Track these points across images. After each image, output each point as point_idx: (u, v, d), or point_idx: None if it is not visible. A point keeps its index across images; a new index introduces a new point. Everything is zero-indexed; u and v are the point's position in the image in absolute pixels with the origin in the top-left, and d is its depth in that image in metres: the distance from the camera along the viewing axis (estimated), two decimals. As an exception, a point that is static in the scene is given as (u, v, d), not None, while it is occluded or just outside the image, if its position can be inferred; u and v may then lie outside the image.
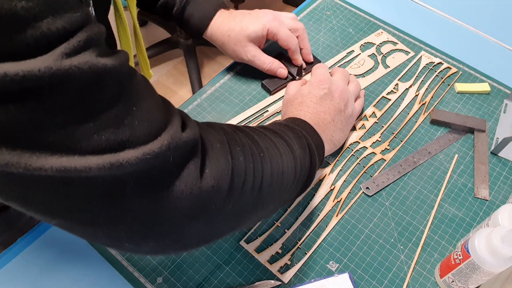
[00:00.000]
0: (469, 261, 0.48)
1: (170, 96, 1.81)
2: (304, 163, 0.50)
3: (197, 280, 0.53)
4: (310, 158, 0.51)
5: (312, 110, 0.58)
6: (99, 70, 0.28)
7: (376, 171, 0.64)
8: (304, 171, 0.50)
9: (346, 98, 0.61)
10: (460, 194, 0.62)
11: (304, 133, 0.52)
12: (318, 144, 0.54)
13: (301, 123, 0.55)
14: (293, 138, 0.50)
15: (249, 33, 0.66)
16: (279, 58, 0.71)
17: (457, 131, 0.68)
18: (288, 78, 0.71)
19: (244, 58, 0.69)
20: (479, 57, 0.78)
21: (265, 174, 0.41)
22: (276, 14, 0.69)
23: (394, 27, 0.81)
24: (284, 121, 0.55)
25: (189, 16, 0.68)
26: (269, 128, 0.49)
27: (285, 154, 0.46)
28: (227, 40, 0.68)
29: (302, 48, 0.71)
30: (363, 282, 0.54)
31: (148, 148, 0.31)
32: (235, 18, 0.67)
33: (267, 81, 0.71)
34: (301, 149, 0.50)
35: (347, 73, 0.66)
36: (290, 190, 0.48)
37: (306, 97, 0.59)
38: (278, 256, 0.55)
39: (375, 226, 0.59)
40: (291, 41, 0.68)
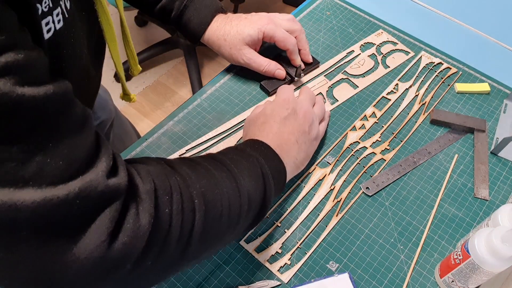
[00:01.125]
0: (469, 261, 0.48)
1: (170, 96, 1.81)
2: (256, 197, 0.47)
3: (197, 280, 0.53)
4: (264, 189, 0.48)
5: (276, 130, 0.56)
6: (12, 99, 0.26)
7: (376, 171, 0.64)
8: (255, 205, 0.48)
9: (311, 119, 0.59)
10: (460, 194, 0.62)
11: (261, 161, 0.50)
12: (278, 170, 0.52)
13: (260, 148, 0.53)
14: (245, 169, 0.48)
15: (245, 36, 0.66)
16: (278, 59, 0.71)
17: (457, 131, 0.68)
18: (286, 79, 0.71)
19: (240, 62, 0.68)
20: (479, 57, 0.78)
21: (197, 224, 0.39)
22: (271, 16, 0.69)
23: (394, 27, 0.81)
24: (242, 145, 0.53)
25: (187, 21, 0.68)
26: (218, 159, 0.47)
27: (228, 193, 0.44)
28: (223, 44, 0.67)
29: (300, 49, 0.71)
30: (363, 282, 0.54)
31: (51, 193, 0.28)
32: (231, 22, 0.68)
33: (266, 82, 0.70)
34: (253, 181, 0.47)
35: (313, 94, 0.64)
36: (236, 228, 0.46)
37: (270, 117, 0.57)
38: (278, 256, 0.55)
39: (375, 226, 0.59)
40: (288, 42, 0.67)
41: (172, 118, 0.67)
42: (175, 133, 0.66)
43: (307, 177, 0.62)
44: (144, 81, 1.84)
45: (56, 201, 0.29)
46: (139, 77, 1.85)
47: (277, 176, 0.52)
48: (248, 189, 0.46)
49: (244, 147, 0.52)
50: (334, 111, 0.70)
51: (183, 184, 0.40)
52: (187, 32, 0.70)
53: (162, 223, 0.36)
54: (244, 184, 0.46)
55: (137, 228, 0.34)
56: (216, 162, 0.47)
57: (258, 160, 0.50)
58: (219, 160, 0.47)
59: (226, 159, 0.48)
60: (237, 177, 0.46)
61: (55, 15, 0.36)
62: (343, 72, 0.74)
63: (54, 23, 0.37)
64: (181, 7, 0.68)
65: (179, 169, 0.42)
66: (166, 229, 0.37)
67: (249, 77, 0.73)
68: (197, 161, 0.46)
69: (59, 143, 0.30)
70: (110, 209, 0.32)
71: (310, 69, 0.73)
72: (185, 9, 0.68)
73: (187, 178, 0.41)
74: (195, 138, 0.65)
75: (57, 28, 0.37)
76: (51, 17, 0.36)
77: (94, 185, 0.31)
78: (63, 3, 0.38)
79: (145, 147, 0.64)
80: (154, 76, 1.87)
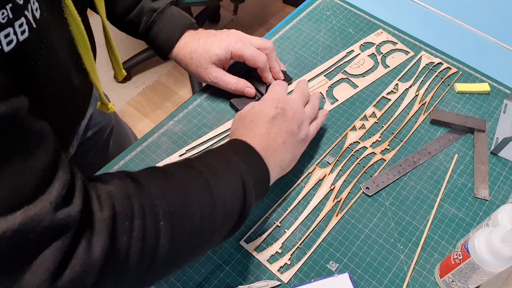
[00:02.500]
0: (469, 261, 0.48)
1: (170, 96, 1.81)
2: (234, 206, 0.46)
3: (197, 280, 0.53)
4: (243, 197, 0.47)
5: (263, 130, 0.54)
6: None
7: (376, 171, 0.64)
8: (232, 214, 0.46)
9: (300, 120, 0.57)
10: (460, 194, 0.62)
11: (243, 166, 0.48)
12: (260, 175, 0.51)
13: (243, 151, 0.51)
14: (224, 176, 0.46)
15: (211, 55, 0.64)
16: (248, 77, 0.69)
17: (457, 131, 0.69)
18: (257, 97, 0.68)
19: (207, 80, 0.67)
20: (479, 57, 0.78)
21: (161, 247, 0.38)
22: (240, 35, 0.67)
23: (394, 27, 0.81)
24: (224, 148, 0.51)
25: (154, 37, 0.67)
26: (195, 167, 0.46)
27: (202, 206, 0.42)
28: (189, 62, 0.66)
29: (271, 67, 0.68)
30: (363, 282, 0.54)
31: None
32: (199, 40, 0.66)
33: (235, 100, 0.68)
34: (231, 189, 0.46)
35: (307, 92, 0.62)
36: (210, 241, 0.45)
37: (258, 116, 0.56)
38: (278, 256, 0.55)
39: (375, 226, 0.59)
40: (257, 59, 0.65)
41: (172, 118, 0.67)
42: (175, 133, 0.66)
43: (307, 177, 0.62)
44: (144, 81, 1.84)
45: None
46: (139, 77, 1.85)
47: (259, 181, 0.50)
48: (225, 199, 0.45)
49: (226, 151, 0.50)
50: (334, 111, 0.70)
51: (148, 206, 0.38)
52: (155, 48, 0.68)
53: (118, 252, 0.35)
54: (220, 194, 0.44)
55: (87, 262, 0.32)
56: (192, 171, 0.45)
57: (239, 166, 0.48)
58: (196, 168, 0.45)
59: (203, 167, 0.46)
60: (214, 186, 0.44)
61: (17, 26, 0.35)
62: (343, 72, 0.74)
63: (16, 34, 0.35)
64: (149, 22, 0.66)
65: (147, 185, 0.40)
66: (122, 259, 0.35)
67: (249, 77, 0.73)
68: (171, 171, 0.44)
69: (3, 169, 0.28)
70: (56, 245, 0.30)
71: None
72: (153, 24, 0.66)
73: (154, 197, 0.39)
74: (195, 138, 0.65)
75: (20, 39, 0.36)
76: (12, 29, 0.34)
77: (38, 220, 0.29)
78: (29, 13, 0.36)
79: (145, 147, 0.64)
80: (154, 76, 1.87)
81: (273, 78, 0.69)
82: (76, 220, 0.32)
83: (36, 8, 0.38)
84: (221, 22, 2.04)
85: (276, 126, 0.55)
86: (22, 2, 0.35)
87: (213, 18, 2.02)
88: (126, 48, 1.88)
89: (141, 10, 0.66)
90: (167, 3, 0.67)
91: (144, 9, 0.66)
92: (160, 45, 0.67)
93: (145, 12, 0.66)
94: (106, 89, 1.82)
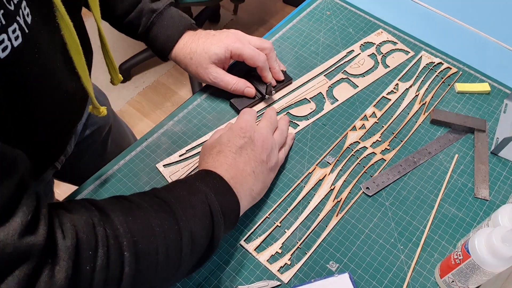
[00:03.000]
0: (469, 261, 0.48)
1: (170, 96, 1.81)
2: (201, 238, 0.45)
3: (197, 280, 0.53)
4: (211, 228, 0.46)
5: (231, 161, 0.53)
6: None
7: (376, 171, 0.64)
8: (200, 246, 0.46)
9: (269, 148, 0.57)
10: (460, 194, 0.62)
11: (211, 197, 0.48)
12: (230, 205, 0.50)
13: (212, 181, 0.50)
14: (192, 207, 0.45)
15: (211, 55, 0.64)
16: (248, 77, 0.68)
17: (457, 131, 0.68)
18: (257, 97, 0.68)
19: (207, 80, 0.67)
20: (479, 57, 0.78)
21: (125, 278, 0.38)
22: (239, 35, 0.67)
23: (394, 27, 0.81)
24: (193, 178, 0.50)
25: (153, 38, 0.67)
26: (162, 197, 0.45)
27: (167, 238, 0.42)
28: (189, 63, 0.66)
29: (270, 67, 0.68)
30: (363, 282, 0.54)
31: None
32: (198, 40, 0.66)
33: (235, 100, 0.68)
34: (199, 220, 0.45)
35: (275, 119, 0.62)
36: (177, 272, 0.44)
37: (225, 146, 0.55)
38: (278, 256, 0.55)
39: (375, 226, 0.59)
40: (257, 59, 0.65)
41: (172, 118, 0.67)
42: (175, 133, 0.66)
43: (307, 177, 0.62)
44: (144, 81, 1.84)
45: None
46: (139, 77, 1.85)
47: (228, 211, 0.50)
48: (192, 230, 0.44)
49: (194, 181, 0.49)
50: (334, 111, 0.70)
51: (112, 235, 0.38)
52: (155, 49, 0.68)
53: (81, 281, 0.34)
54: (187, 225, 0.44)
55: None
56: (159, 201, 0.44)
57: (207, 196, 0.47)
58: (163, 198, 0.45)
59: (170, 197, 0.45)
60: (180, 218, 0.44)
61: (10, 32, 0.35)
62: (343, 71, 0.74)
63: (10, 40, 0.35)
64: (148, 24, 0.66)
65: (112, 215, 0.39)
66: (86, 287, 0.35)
67: (249, 77, 0.73)
68: (136, 202, 0.43)
69: None
70: (19, 272, 0.31)
71: (282, 86, 0.71)
72: (152, 25, 0.66)
73: (118, 226, 0.39)
74: (195, 138, 0.65)
75: (15, 45, 0.35)
76: (6, 35, 0.34)
77: (2, 246, 0.29)
78: (21, 19, 0.36)
79: (145, 147, 0.64)
80: (154, 76, 1.87)
81: (273, 78, 0.69)
82: (40, 248, 0.32)
83: (27, 13, 0.37)
84: (221, 22, 2.04)
85: (245, 156, 0.54)
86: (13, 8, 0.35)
87: (213, 18, 2.02)
88: (126, 48, 1.88)
89: (141, 11, 0.66)
90: (166, 4, 0.67)
91: (143, 10, 0.66)
92: (160, 46, 0.67)
93: (144, 13, 0.66)
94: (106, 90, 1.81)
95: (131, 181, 0.61)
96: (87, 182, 0.60)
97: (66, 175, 0.78)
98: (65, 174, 0.75)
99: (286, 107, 0.69)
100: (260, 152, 0.56)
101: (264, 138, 0.57)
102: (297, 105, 0.70)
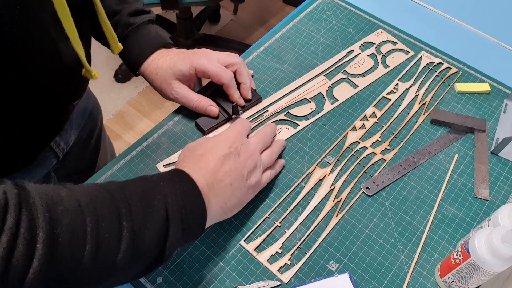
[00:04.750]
0: (469, 261, 0.48)
1: (170, 96, 1.81)
2: (151, 242, 0.42)
3: (197, 280, 0.53)
4: (165, 233, 0.43)
5: (211, 167, 0.50)
6: None
7: (376, 171, 0.64)
8: (149, 251, 0.42)
9: (253, 165, 0.54)
10: (460, 194, 0.62)
11: (171, 200, 0.44)
12: (194, 212, 0.46)
13: (181, 183, 0.47)
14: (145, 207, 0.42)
15: (175, 71, 0.63)
16: (216, 95, 0.67)
17: (457, 131, 0.68)
18: (223, 117, 0.66)
19: (170, 97, 0.65)
20: (479, 57, 0.78)
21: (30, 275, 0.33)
22: (207, 52, 0.66)
23: (394, 27, 0.81)
24: (161, 176, 0.47)
25: (126, 51, 0.66)
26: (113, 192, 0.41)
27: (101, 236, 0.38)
28: (155, 78, 0.65)
29: (241, 82, 0.66)
30: (363, 282, 0.54)
31: None
32: (167, 57, 0.65)
33: (201, 120, 0.65)
34: (150, 224, 0.42)
35: (268, 137, 0.59)
36: (110, 279, 0.40)
37: (209, 151, 0.52)
38: (278, 256, 0.55)
39: (375, 226, 0.59)
40: (222, 76, 0.63)
41: (172, 118, 0.67)
42: (175, 133, 0.66)
43: (307, 177, 0.62)
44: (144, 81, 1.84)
45: None
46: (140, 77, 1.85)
47: (190, 219, 0.46)
48: (138, 234, 0.40)
49: (160, 179, 0.46)
50: (334, 111, 0.70)
51: (26, 221, 0.34)
52: (126, 62, 0.68)
53: None
54: (132, 228, 0.40)
55: None
56: (106, 196, 0.41)
57: (167, 199, 0.44)
58: (112, 193, 0.41)
59: (122, 194, 0.42)
60: (125, 218, 0.40)
61: None
62: (343, 71, 0.74)
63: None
64: (122, 36, 0.65)
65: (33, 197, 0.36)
66: None
67: (249, 77, 0.73)
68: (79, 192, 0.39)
69: None
70: None
71: (250, 105, 0.68)
72: (126, 39, 0.66)
73: (37, 213, 0.35)
74: (195, 138, 0.65)
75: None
76: None
77: None
78: None
79: (145, 147, 0.64)
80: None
81: (241, 94, 0.67)
82: None
83: None
84: (221, 22, 2.04)
85: (226, 166, 0.52)
86: None
87: (213, 18, 2.02)
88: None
89: (117, 23, 0.65)
90: (144, 20, 0.66)
91: (119, 23, 0.65)
92: (131, 60, 0.67)
93: (120, 26, 0.65)
94: (106, 89, 1.83)
95: (131, 181, 0.61)
96: (87, 182, 0.60)
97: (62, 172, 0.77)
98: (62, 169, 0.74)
99: (286, 107, 0.69)
100: (242, 166, 0.53)
101: (250, 154, 0.55)
102: (297, 105, 0.70)
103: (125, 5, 0.66)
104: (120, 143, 1.65)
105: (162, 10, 1.45)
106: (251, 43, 1.89)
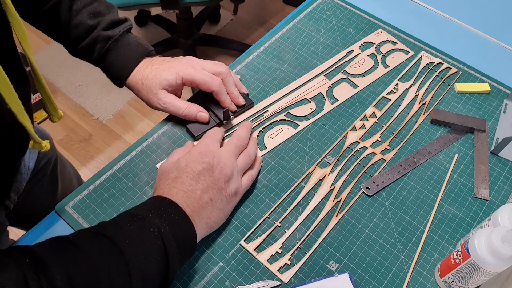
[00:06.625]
0: (469, 261, 0.48)
1: (170, 96, 1.81)
2: (154, 275, 0.44)
3: (197, 280, 0.53)
4: (166, 263, 0.45)
5: (188, 187, 0.52)
6: None
7: (376, 171, 0.64)
8: (153, 284, 0.45)
9: (229, 174, 0.54)
10: (460, 194, 0.62)
11: (164, 229, 0.46)
12: (185, 236, 0.49)
13: (166, 211, 0.48)
14: (142, 244, 0.44)
15: (161, 80, 0.63)
16: (207, 101, 0.66)
17: (457, 131, 0.69)
18: (214, 122, 0.65)
19: (157, 106, 0.64)
20: (479, 57, 0.78)
21: None
22: (192, 61, 0.65)
23: (394, 27, 0.81)
24: (145, 209, 0.49)
25: (109, 65, 0.65)
26: (109, 237, 0.43)
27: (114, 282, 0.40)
28: (141, 88, 0.64)
29: (229, 92, 0.66)
30: (363, 282, 0.54)
31: None
32: (152, 66, 0.64)
33: (191, 125, 0.65)
34: (151, 258, 0.44)
35: (243, 139, 0.59)
36: None
37: (183, 171, 0.53)
38: (278, 256, 0.55)
39: (375, 226, 0.59)
40: (210, 83, 0.63)
41: (172, 118, 0.67)
42: (175, 133, 0.66)
43: (307, 177, 0.62)
44: (144, 81, 1.84)
45: None
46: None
47: (184, 243, 0.48)
48: (143, 271, 0.43)
49: (147, 213, 0.48)
50: (334, 111, 0.70)
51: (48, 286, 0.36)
52: (110, 76, 0.67)
53: None
54: (138, 266, 0.43)
55: None
56: (106, 242, 0.43)
57: (160, 230, 0.46)
58: (110, 238, 0.43)
59: (119, 236, 0.44)
60: (129, 256, 0.43)
61: None
62: (343, 71, 0.74)
63: None
64: (103, 51, 0.64)
65: (50, 264, 0.38)
66: None
67: (248, 78, 0.73)
68: (80, 244, 0.41)
69: None
70: None
71: (242, 111, 0.68)
72: (107, 52, 0.64)
73: (57, 277, 0.37)
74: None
75: None
76: None
77: None
78: None
79: (145, 147, 0.64)
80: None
81: (232, 102, 0.66)
82: None
83: None
84: (221, 22, 2.04)
85: (202, 182, 0.52)
86: None
87: (213, 18, 2.02)
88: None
89: (95, 39, 0.64)
90: (123, 31, 0.65)
91: (98, 38, 0.64)
92: (115, 73, 0.66)
93: (99, 40, 0.64)
94: (106, 90, 1.82)
95: (131, 181, 0.61)
96: (87, 182, 0.60)
97: (19, 215, 0.74)
98: (18, 213, 0.71)
99: (286, 107, 0.69)
100: (218, 179, 0.54)
101: (223, 164, 0.55)
102: (297, 105, 0.70)
103: (100, 18, 0.64)
104: (120, 143, 1.65)
105: (162, 10, 1.45)
106: (251, 43, 1.89)
